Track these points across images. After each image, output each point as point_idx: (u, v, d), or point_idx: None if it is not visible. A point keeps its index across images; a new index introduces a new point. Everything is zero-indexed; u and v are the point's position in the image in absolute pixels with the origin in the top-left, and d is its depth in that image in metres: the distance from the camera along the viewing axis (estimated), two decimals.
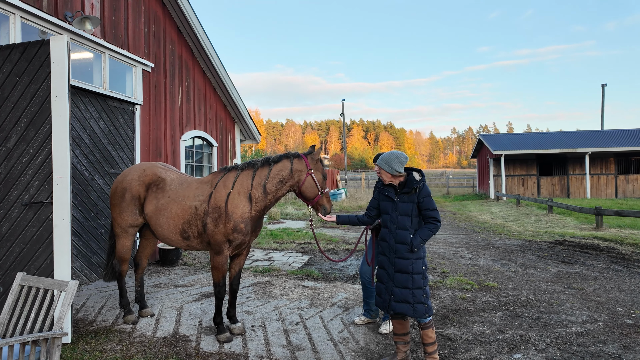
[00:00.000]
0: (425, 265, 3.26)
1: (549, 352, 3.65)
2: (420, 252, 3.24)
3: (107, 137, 6.10)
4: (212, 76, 9.04)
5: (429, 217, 3.23)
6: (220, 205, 3.76)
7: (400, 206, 3.29)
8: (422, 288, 3.21)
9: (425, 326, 3.25)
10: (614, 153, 22.59)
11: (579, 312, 4.68)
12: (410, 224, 3.24)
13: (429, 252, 8.43)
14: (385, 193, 3.40)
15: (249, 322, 4.39)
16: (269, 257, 7.82)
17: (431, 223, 3.23)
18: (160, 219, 3.95)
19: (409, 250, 3.21)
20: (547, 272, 6.62)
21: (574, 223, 12.50)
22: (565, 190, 23.24)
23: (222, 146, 9.85)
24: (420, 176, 3.31)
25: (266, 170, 3.85)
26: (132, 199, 4.11)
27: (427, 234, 3.21)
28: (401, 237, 3.24)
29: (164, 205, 3.96)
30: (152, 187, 4.09)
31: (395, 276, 3.27)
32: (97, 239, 5.89)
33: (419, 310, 3.18)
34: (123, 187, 4.18)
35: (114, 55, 6.18)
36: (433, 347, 3.26)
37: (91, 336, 3.91)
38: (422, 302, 3.19)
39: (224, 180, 3.90)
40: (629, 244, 8.84)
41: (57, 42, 3.53)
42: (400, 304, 3.23)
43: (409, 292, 3.20)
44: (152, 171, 4.18)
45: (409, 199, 3.26)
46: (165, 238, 4.01)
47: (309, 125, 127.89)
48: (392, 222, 3.32)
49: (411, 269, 3.21)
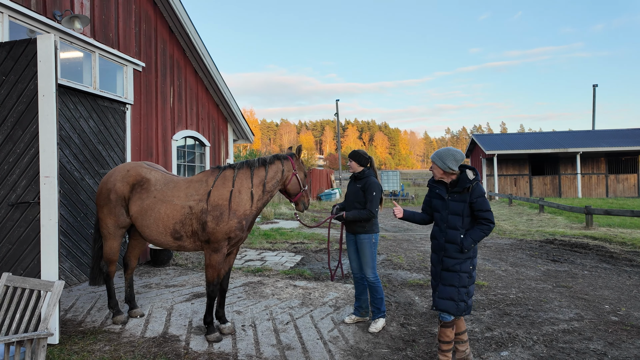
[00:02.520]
0: (473, 265, 3.17)
1: (536, 350, 3.69)
2: (470, 252, 3.15)
3: (97, 136, 6.06)
4: (204, 76, 9.01)
5: (481, 218, 3.11)
6: (221, 203, 3.79)
7: (450, 205, 3.19)
8: (467, 287, 3.16)
9: (445, 324, 3.22)
10: (604, 153, 22.84)
11: (566, 310, 4.73)
12: (461, 224, 3.14)
13: (421, 250, 8.48)
14: (436, 191, 3.31)
15: (239, 321, 4.39)
16: (261, 257, 7.82)
17: (484, 224, 3.11)
18: (146, 220, 3.93)
19: (459, 250, 3.13)
20: (536, 270, 6.69)
21: (564, 222, 12.62)
22: (557, 190, 23.46)
23: (214, 146, 9.82)
24: (474, 175, 3.16)
25: (263, 170, 4.00)
26: (117, 200, 4.08)
27: (479, 235, 3.09)
28: (451, 237, 3.16)
29: (149, 206, 3.94)
30: (137, 188, 4.06)
31: (442, 274, 3.22)
32: (86, 240, 5.84)
33: (461, 307, 3.16)
34: (107, 187, 4.15)
35: (104, 54, 6.15)
36: (448, 345, 3.24)
37: (79, 337, 3.89)
38: (464, 300, 3.16)
39: (222, 179, 3.92)
40: (617, 243, 8.95)
41: (44, 41, 3.51)
42: (444, 300, 3.18)
43: (455, 290, 3.15)
44: (136, 171, 4.15)
45: (461, 198, 3.15)
46: (153, 239, 3.99)
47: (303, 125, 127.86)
48: (442, 221, 3.24)
49: (459, 267, 3.14)
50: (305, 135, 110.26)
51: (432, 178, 3.45)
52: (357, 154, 4.35)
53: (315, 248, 8.73)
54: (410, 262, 7.41)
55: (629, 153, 22.73)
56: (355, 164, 4.30)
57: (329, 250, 4.67)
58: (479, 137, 26.70)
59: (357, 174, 4.31)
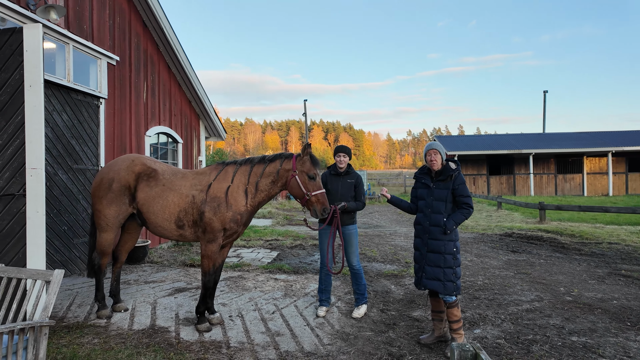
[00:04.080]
0: (457, 248, 3.52)
1: (504, 327, 4.07)
2: (452, 235, 3.50)
3: (70, 131, 5.90)
4: (177, 71, 8.91)
5: (462, 203, 3.51)
6: (219, 196, 3.89)
7: (435, 192, 3.57)
8: (453, 268, 3.47)
9: (450, 305, 3.49)
10: (554, 154, 24.57)
11: (527, 293, 5.20)
12: (444, 209, 3.51)
13: (392, 244, 8.85)
14: (422, 181, 3.70)
15: (226, 313, 4.48)
16: (237, 254, 7.87)
17: (464, 208, 3.52)
18: (154, 207, 4.00)
19: (443, 232, 3.47)
20: (499, 260, 7.22)
21: (520, 217, 13.54)
22: (512, 189, 24.95)
23: (186, 143, 9.71)
24: (456, 165, 3.59)
25: (261, 168, 3.99)
26: (120, 189, 4.10)
27: (460, 217, 3.48)
28: (435, 220, 3.52)
29: (158, 193, 4.02)
30: (143, 177, 4.12)
31: (427, 256, 3.55)
32: (60, 237, 5.68)
33: (449, 287, 3.44)
34: (110, 177, 4.15)
35: (79, 46, 5.99)
36: (458, 324, 3.51)
37: (64, 331, 3.83)
38: (451, 280, 3.46)
39: (224, 173, 4.03)
40: (567, 235, 9.78)
41: (30, 30, 3.45)
42: (431, 281, 3.50)
43: (440, 271, 3.47)
44: (140, 161, 4.23)
45: (445, 185, 3.54)
46: (158, 226, 4.05)
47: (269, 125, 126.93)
48: (427, 207, 3.60)
49: (443, 249, 3.47)
50: (271, 135, 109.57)
51: (418, 170, 3.82)
52: (349, 149, 4.53)
53: (290, 244, 8.87)
54: (383, 255, 7.74)
55: (576, 155, 24.59)
56: (347, 159, 4.44)
57: (333, 245, 4.36)
58: (441, 139, 27.86)
59: (347, 170, 4.46)
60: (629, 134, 26.37)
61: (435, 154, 3.61)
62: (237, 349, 3.56)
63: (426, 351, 3.56)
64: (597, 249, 8.04)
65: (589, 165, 24.62)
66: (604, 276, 6.02)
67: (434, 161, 3.61)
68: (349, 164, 4.49)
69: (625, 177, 24.25)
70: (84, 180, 6.14)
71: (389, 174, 61.54)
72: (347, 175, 4.45)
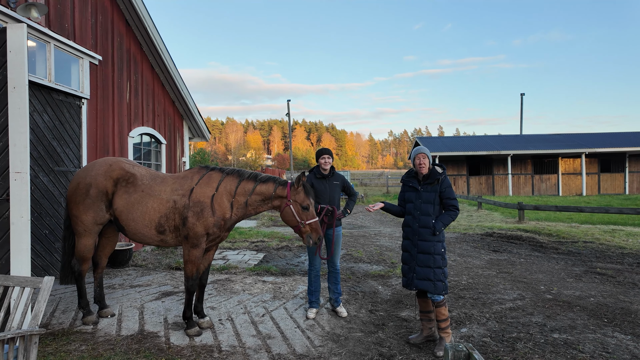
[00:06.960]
0: (444, 248, 3.65)
1: (489, 325, 4.20)
2: (440, 236, 3.62)
3: (52, 132, 5.74)
4: (160, 71, 8.77)
5: (449, 205, 3.65)
6: (202, 200, 3.83)
7: (423, 195, 3.68)
8: (441, 267, 3.59)
9: (439, 304, 3.59)
10: (531, 155, 25.31)
11: (510, 292, 5.37)
12: (432, 211, 3.63)
13: (377, 245, 8.96)
14: (410, 184, 3.80)
15: (215, 316, 4.46)
16: (223, 256, 7.81)
17: (452, 210, 3.65)
18: (133, 213, 3.90)
19: (432, 233, 3.58)
20: (481, 259, 7.42)
21: (500, 217, 13.91)
22: (491, 189, 25.57)
23: (170, 144, 9.57)
24: (442, 169, 3.72)
25: (251, 184, 3.93)
26: (98, 195, 3.99)
27: (447, 219, 3.62)
28: (424, 222, 3.63)
29: (137, 200, 3.91)
30: (122, 182, 4.01)
31: (417, 257, 3.64)
32: (41, 241, 5.52)
33: (439, 287, 3.55)
34: (87, 182, 4.02)
35: (60, 45, 5.83)
36: (446, 323, 3.60)
37: (50, 339, 3.74)
38: (441, 280, 3.56)
39: (207, 178, 3.96)
40: (545, 234, 10.11)
41: (15, 30, 3.36)
42: (422, 281, 3.59)
43: (430, 271, 3.57)
44: (119, 166, 4.10)
45: (432, 188, 3.66)
46: (137, 233, 3.96)
47: (250, 125, 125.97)
48: (415, 209, 3.70)
49: (432, 250, 3.58)
50: (253, 135, 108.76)
51: (405, 174, 3.93)
52: (331, 151, 4.64)
53: (276, 246, 8.87)
54: (369, 255, 7.83)
55: (551, 156, 25.40)
56: (331, 160, 4.55)
57: (321, 245, 4.37)
58: (422, 140, 28.31)
59: (331, 172, 4.54)
60: (601, 136, 27.43)
61: (424, 158, 3.73)
62: (229, 352, 3.56)
63: (415, 351, 3.64)
64: (573, 248, 8.35)
65: (564, 166, 25.48)
66: (580, 274, 6.26)
67: (422, 165, 3.72)
68: (332, 166, 4.58)
69: (598, 178, 25.19)
70: (65, 183, 5.98)
71: (371, 174, 62.05)
72: (332, 177, 4.55)
